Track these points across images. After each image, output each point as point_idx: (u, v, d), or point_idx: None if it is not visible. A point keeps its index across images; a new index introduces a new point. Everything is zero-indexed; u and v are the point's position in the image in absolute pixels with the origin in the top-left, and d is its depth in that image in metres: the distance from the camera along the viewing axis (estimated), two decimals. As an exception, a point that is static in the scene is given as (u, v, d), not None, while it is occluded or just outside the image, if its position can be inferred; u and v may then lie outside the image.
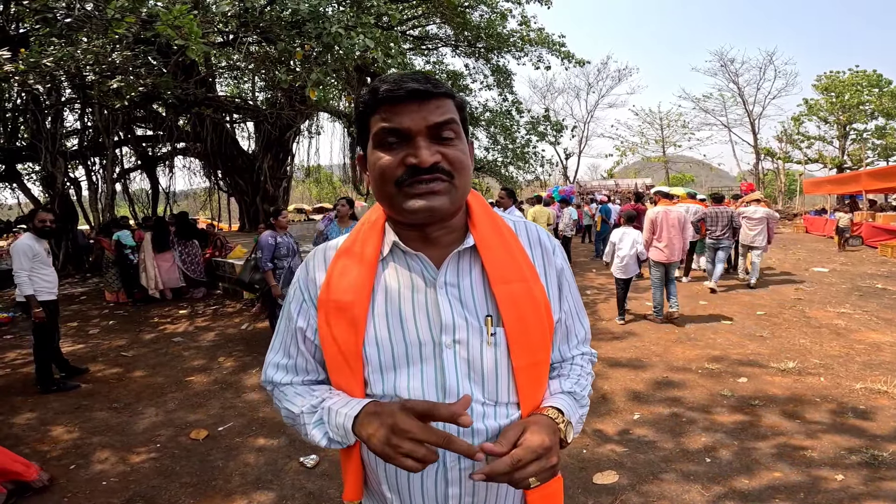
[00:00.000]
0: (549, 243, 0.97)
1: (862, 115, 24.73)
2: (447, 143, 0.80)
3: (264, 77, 9.82)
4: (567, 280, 0.97)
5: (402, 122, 0.78)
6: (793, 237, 15.50)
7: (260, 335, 5.74)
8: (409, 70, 7.59)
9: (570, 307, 0.97)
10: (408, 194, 0.79)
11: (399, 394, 0.84)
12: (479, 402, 0.84)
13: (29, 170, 13.84)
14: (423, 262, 0.87)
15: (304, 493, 2.69)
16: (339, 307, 0.86)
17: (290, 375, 0.97)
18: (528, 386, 0.86)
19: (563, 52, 12.67)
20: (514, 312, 0.84)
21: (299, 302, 0.94)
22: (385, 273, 0.88)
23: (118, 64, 5.97)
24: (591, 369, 1.02)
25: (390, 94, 0.78)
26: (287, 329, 0.96)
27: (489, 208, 0.94)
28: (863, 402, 3.56)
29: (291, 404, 0.93)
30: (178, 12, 4.49)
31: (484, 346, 0.84)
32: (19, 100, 9.71)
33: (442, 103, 0.81)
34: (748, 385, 3.91)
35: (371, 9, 7.05)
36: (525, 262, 0.89)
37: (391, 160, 0.79)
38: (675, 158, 36.07)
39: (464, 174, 0.83)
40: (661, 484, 2.65)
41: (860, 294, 6.96)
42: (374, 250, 0.88)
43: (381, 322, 0.85)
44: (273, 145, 13.18)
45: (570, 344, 1.00)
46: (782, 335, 5.18)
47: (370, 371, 0.86)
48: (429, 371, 0.84)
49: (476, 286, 0.87)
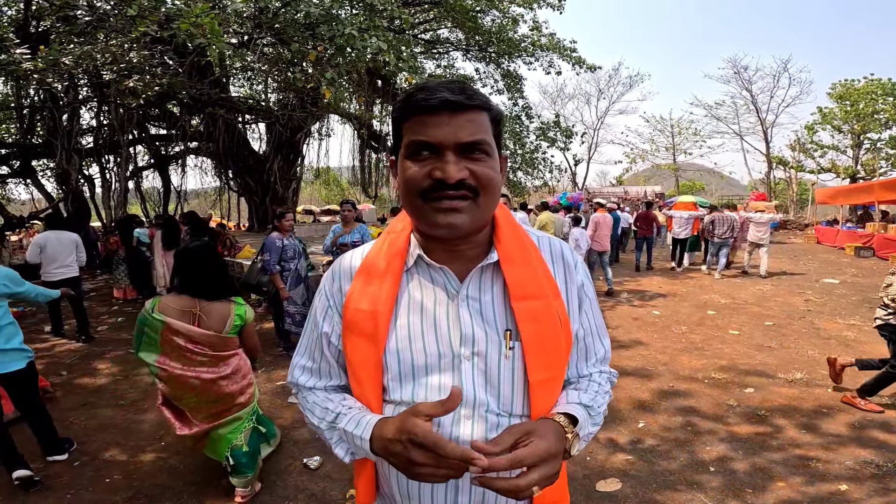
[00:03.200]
0: (572, 259, 0.97)
1: (876, 124, 24.43)
2: (476, 160, 0.80)
3: (277, 78, 9.92)
4: (588, 297, 0.97)
5: (432, 135, 0.78)
6: (804, 248, 15.34)
7: (266, 336, 5.78)
8: (420, 73, 7.63)
9: (589, 325, 0.97)
10: (432, 207, 0.80)
11: (416, 401, 0.86)
12: (494, 413, 0.86)
13: (43, 166, 14.06)
14: (447, 276, 0.88)
15: (306, 495, 2.70)
16: (363, 316, 0.88)
17: (314, 379, 1.00)
18: (542, 400, 0.88)
19: (575, 58, 12.66)
20: (533, 329, 0.85)
21: (324, 308, 0.97)
22: (409, 285, 0.90)
23: (135, 63, 6.07)
24: (609, 389, 1.00)
25: (423, 104, 0.78)
26: (312, 333, 1.00)
27: (514, 223, 0.95)
28: (871, 413, 3.54)
29: (313, 415, 0.97)
30: (199, 10, 4.57)
31: (502, 359, 0.86)
32: (37, 97, 9.87)
33: (475, 117, 0.80)
34: (755, 395, 3.88)
35: (383, 12, 7.11)
36: (547, 278, 0.90)
37: (418, 171, 0.79)
38: (685, 166, 35.80)
39: (490, 192, 0.82)
40: (664, 493, 2.64)
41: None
42: (399, 262, 0.90)
43: (402, 333, 0.87)
44: (283, 146, 13.27)
45: (587, 362, 0.99)
46: (791, 346, 5.13)
47: (389, 378, 0.89)
48: (446, 381, 0.86)
49: (497, 301, 0.88)
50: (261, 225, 13.53)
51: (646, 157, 34.65)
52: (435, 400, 0.83)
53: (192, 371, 2.45)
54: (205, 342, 2.45)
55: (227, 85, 11.81)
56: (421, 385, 0.87)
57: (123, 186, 11.23)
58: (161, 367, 2.44)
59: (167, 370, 2.44)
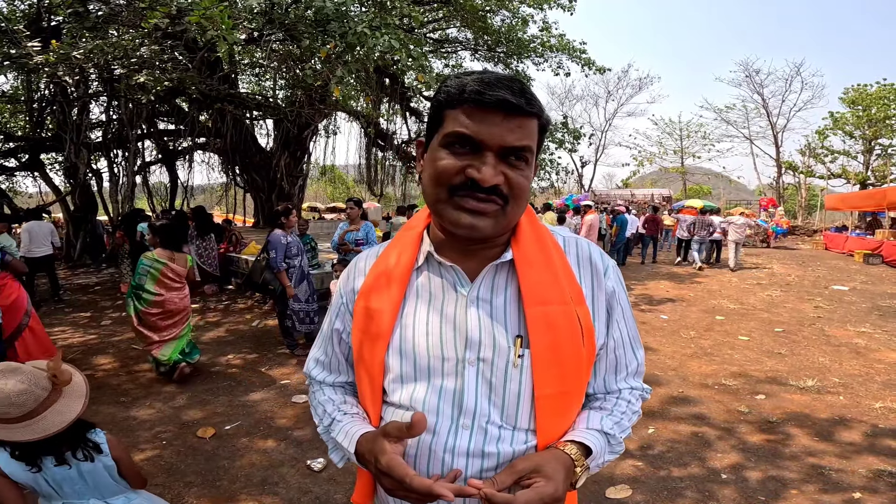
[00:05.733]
0: (601, 263, 0.89)
1: (888, 129, 24.21)
2: (514, 167, 0.76)
3: (286, 75, 9.91)
4: (620, 305, 0.89)
5: (479, 133, 0.73)
6: (812, 254, 15.21)
7: (270, 333, 5.77)
8: (429, 71, 7.58)
9: (621, 335, 0.90)
10: (457, 205, 0.76)
11: (415, 406, 0.83)
12: (496, 425, 0.81)
13: (52, 160, 14.12)
14: (457, 274, 0.84)
15: (310, 497, 2.66)
16: (370, 314, 0.87)
17: (325, 373, 1.01)
18: (550, 416, 0.81)
19: (584, 59, 12.60)
20: (547, 337, 0.79)
21: (338, 305, 0.98)
22: (417, 282, 0.87)
23: (146, 58, 6.07)
24: (640, 407, 0.93)
25: (477, 98, 0.72)
26: (327, 328, 1.00)
27: (537, 222, 0.90)
28: (883, 421, 3.49)
29: (316, 415, 0.98)
30: (209, 3, 4.55)
31: (509, 367, 0.80)
32: (47, 91, 9.91)
33: (526, 122, 0.75)
34: (767, 403, 3.83)
35: (394, 10, 7.08)
36: (570, 282, 0.84)
37: (452, 164, 0.75)
38: (693, 169, 35.63)
39: (520, 202, 0.79)
40: (676, 500, 2.60)
41: (880, 313, 6.80)
42: (409, 259, 0.87)
43: (406, 332, 0.84)
44: (291, 143, 13.29)
45: (618, 375, 0.92)
46: (801, 353, 5.07)
47: (390, 379, 0.86)
48: (448, 387, 0.82)
49: (510, 304, 0.82)
50: (267, 221, 13.55)
51: (653, 160, 34.46)
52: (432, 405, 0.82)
53: (170, 293, 4.15)
54: (181, 273, 4.22)
55: (236, 81, 11.83)
56: (421, 389, 0.83)
57: (131, 181, 11.26)
58: (157, 292, 4.07)
59: (161, 295, 4.09)
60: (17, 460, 1.46)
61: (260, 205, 14.65)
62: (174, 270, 4.15)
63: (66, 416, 1.46)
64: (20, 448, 1.46)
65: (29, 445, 1.45)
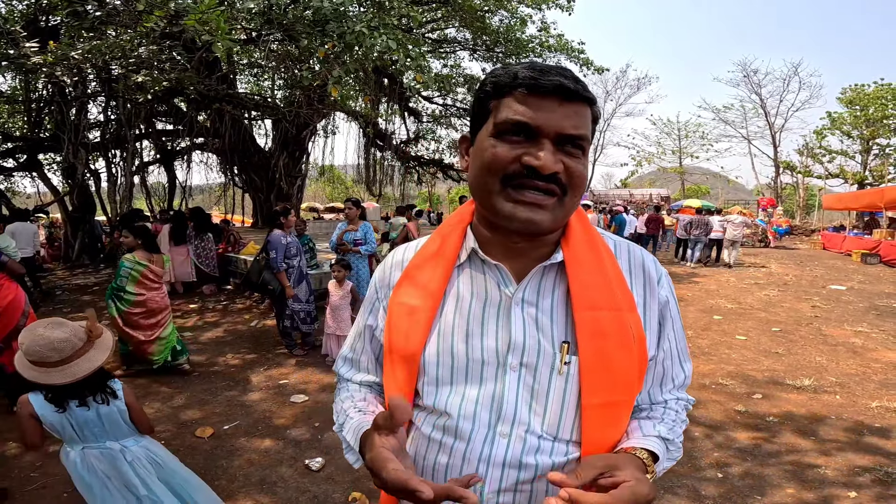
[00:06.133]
0: (655, 271, 0.85)
1: (886, 129, 24.26)
2: (572, 155, 0.72)
3: (284, 75, 9.91)
4: (671, 315, 0.84)
5: (536, 119, 0.69)
6: (810, 254, 15.24)
7: (268, 333, 5.77)
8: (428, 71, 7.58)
9: (670, 346, 0.85)
10: (511, 197, 0.72)
11: (449, 411, 0.79)
12: (536, 435, 0.76)
13: (50, 160, 14.09)
14: (502, 274, 0.79)
15: (308, 497, 2.66)
16: (407, 311, 0.83)
17: (353, 371, 0.98)
18: (597, 427, 0.76)
19: (582, 60, 12.63)
20: (596, 343, 0.74)
21: (372, 300, 0.94)
22: (459, 280, 0.82)
23: (144, 58, 6.07)
24: (686, 417, 0.89)
25: (533, 83, 0.69)
26: (358, 324, 0.97)
27: (588, 224, 0.85)
28: (878, 420, 3.51)
29: (334, 412, 0.94)
30: (205, 7, 4.55)
31: (554, 374, 0.76)
32: (45, 91, 9.89)
33: (581, 109, 0.72)
34: (763, 402, 3.84)
35: (392, 10, 7.08)
36: (621, 288, 0.79)
37: (507, 153, 0.71)
38: (691, 169, 35.67)
39: (577, 193, 0.75)
40: (671, 499, 2.61)
41: (878, 313, 6.82)
42: (451, 255, 0.83)
43: (445, 332, 0.80)
44: (289, 143, 13.28)
45: (663, 387, 0.87)
46: (798, 352, 5.09)
47: (425, 382, 0.82)
48: (486, 392, 0.78)
49: (557, 308, 0.78)
50: (265, 221, 13.54)
51: (652, 160, 34.50)
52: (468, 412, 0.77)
53: (150, 293, 4.26)
54: (159, 274, 4.36)
55: (235, 81, 11.82)
56: (457, 393, 0.79)
57: (129, 181, 11.26)
58: (138, 293, 4.19)
59: (142, 295, 4.21)
60: (49, 402, 1.77)
61: (258, 205, 14.64)
62: (154, 271, 4.30)
63: (92, 364, 1.79)
64: (52, 391, 1.77)
65: (58, 389, 1.77)
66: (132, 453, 1.92)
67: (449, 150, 16.02)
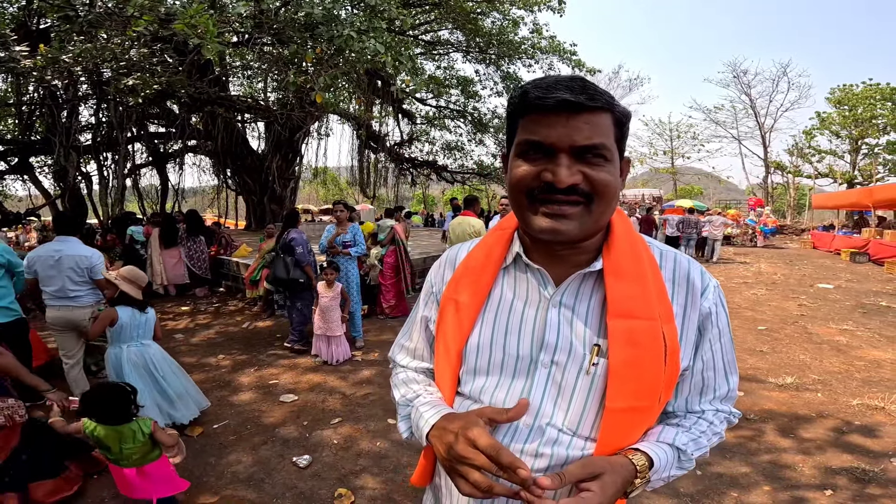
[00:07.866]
0: (700, 282, 0.85)
1: (874, 129, 24.53)
2: (593, 164, 0.74)
3: (276, 78, 9.93)
4: (716, 326, 0.85)
5: (546, 137, 0.73)
6: (800, 253, 15.39)
7: (260, 334, 5.80)
8: (420, 74, 7.64)
9: (713, 357, 0.86)
10: (536, 210, 0.76)
11: (482, 399, 0.87)
12: (556, 428, 0.82)
13: (41, 163, 14.03)
14: (543, 278, 0.85)
15: (294, 493, 2.71)
16: (455, 306, 0.89)
17: (408, 358, 1.05)
18: (615, 430, 0.79)
19: (574, 61, 12.73)
20: (627, 351, 0.77)
21: (428, 294, 1.02)
22: (503, 281, 0.89)
23: (135, 61, 6.08)
24: (723, 430, 0.90)
25: (539, 103, 0.73)
26: (415, 315, 1.05)
27: (633, 232, 0.86)
28: (859, 418, 3.56)
29: (396, 391, 1.01)
30: (194, 11, 4.58)
31: (581, 374, 0.80)
32: (36, 94, 9.87)
33: (595, 119, 0.73)
34: (745, 400, 3.91)
35: (383, 13, 7.13)
36: (660, 298, 0.80)
37: (528, 171, 0.76)
38: (683, 170, 35.89)
39: (605, 199, 0.76)
40: (648, 495, 2.66)
41: (864, 311, 6.91)
42: (498, 258, 0.89)
43: (487, 328, 0.87)
44: (282, 146, 13.27)
45: (703, 398, 0.88)
46: (782, 350, 5.16)
47: (465, 370, 0.90)
48: (517, 386, 0.84)
49: (592, 314, 0.82)
50: (259, 224, 13.53)
51: (644, 161, 34.71)
52: (499, 400, 0.84)
53: None
54: None
55: (227, 83, 11.82)
56: (491, 384, 0.86)
57: (121, 184, 11.24)
58: None
59: None
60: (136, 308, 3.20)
61: (252, 207, 14.62)
62: None
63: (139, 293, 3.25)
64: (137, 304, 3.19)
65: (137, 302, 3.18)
66: (151, 350, 3.25)
67: (443, 151, 16.07)
